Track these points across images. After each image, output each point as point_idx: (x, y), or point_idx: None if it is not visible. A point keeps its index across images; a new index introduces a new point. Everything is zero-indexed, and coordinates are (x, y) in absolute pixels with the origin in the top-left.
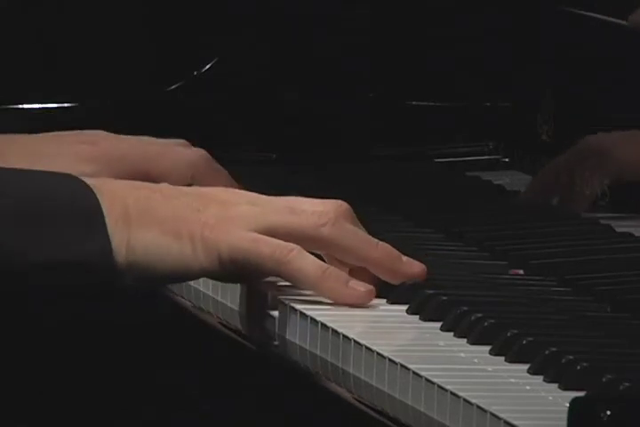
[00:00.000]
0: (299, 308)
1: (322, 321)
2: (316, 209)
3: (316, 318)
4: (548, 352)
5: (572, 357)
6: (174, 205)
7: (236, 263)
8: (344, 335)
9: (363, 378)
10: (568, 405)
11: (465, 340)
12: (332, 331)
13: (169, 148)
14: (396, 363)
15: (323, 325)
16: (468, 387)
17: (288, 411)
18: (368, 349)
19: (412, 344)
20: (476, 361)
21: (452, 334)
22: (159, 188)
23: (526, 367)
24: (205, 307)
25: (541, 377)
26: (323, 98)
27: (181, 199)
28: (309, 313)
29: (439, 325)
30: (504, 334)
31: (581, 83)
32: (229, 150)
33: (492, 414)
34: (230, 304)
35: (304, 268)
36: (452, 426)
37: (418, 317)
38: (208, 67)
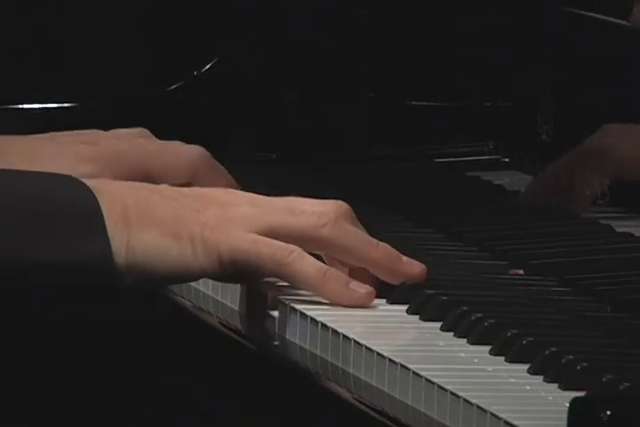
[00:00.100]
0: (299, 308)
1: (322, 321)
2: (316, 210)
3: (316, 318)
4: (547, 352)
5: (571, 357)
6: (174, 206)
7: (236, 264)
8: (344, 335)
9: (363, 378)
10: (568, 405)
11: (465, 340)
12: (332, 331)
13: (168, 146)
14: (396, 363)
15: (323, 325)
16: (468, 387)
17: (288, 411)
18: (368, 349)
19: (412, 344)
20: (476, 361)
21: (452, 334)
22: (159, 189)
23: (526, 367)
24: (205, 307)
25: (541, 377)
26: (323, 98)
27: (181, 200)
28: (309, 313)
29: (439, 325)
30: (504, 334)
31: (581, 83)
32: (229, 150)
33: (491, 414)
34: (230, 304)
35: (304, 269)
36: (451, 426)
37: (418, 317)
38: (208, 67)
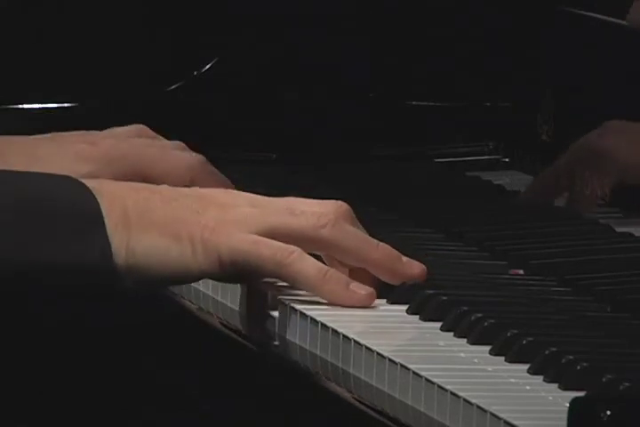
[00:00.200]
0: (299, 308)
1: (322, 321)
2: (316, 210)
3: (316, 318)
4: (547, 352)
5: (571, 357)
6: (173, 207)
7: (236, 265)
8: (344, 335)
9: (363, 378)
10: (568, 405)
11: (465, 340)
12: (332, 331)
13: (168, 151)
14: (396, 363)
15: (323, 325)
16: (468, 387)
17: (288, 411)
18: (368, 349)
19: (412, 344)
20: (476, 361)
21: (452, 334)
22: (159, 189)
23: (526, 367)
24: (205, 307)
25: (541, 377)
26: (323, 98)
27: (181, 201)
28: (309, 313)
29: (439, 325)
30: (504, 334)
31: (581, 83)
32: (229, 150)
33: (491, 414)
34: (230, 304)
35: (304, 270)
36: (451, 426)
37: (418, 317)
38: (208, 67)
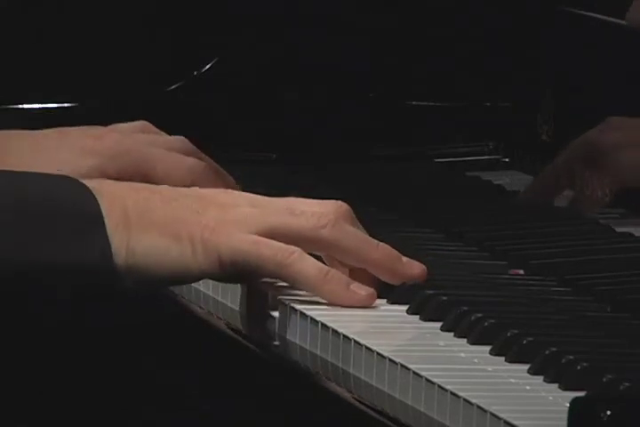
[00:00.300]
0: (299, 308)
1: (322, 321)
2: (316, 210)
3: (317, 318)
4: (548, 352)
5: (572, 357)
6: (174, 208)
7: (236, 265)
8: (344, 335)
9: (363, 378)
10: (568, 405)
11: (465, 340)
12: (333, 331)
13: (170, 153)
14: (397, 363)
15: (323, 325)
16: (468, 387)
17: (288, 411)
18: (368, 349)
19: (412, 344)
20: (476, 361)
21: (452, 334)
22: (159, 189)
23: (526, 367)
24: (205, 307)
25: (541, 377)
26: (323, 98)
27: (181, 201)
28: (310, 313)
29: (439, 325)
30: (504, 334)
31: (581, 83)
32: (229, 150)
33: (492, 415)
34: (230, 304)
35: (305, 270)
36: (452, 426)
37: (418, 317)
38: (208, 67)
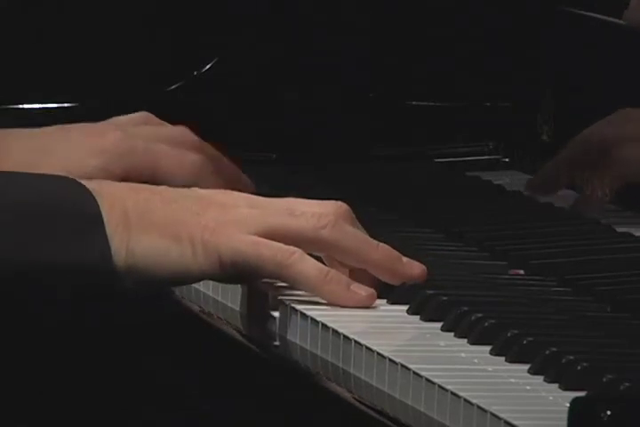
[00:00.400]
0: (299, 308)
1: (322, 321)
2: (316, 211)
3: (317, 319)
4: (548, 352)
5: (572, 357)
6: (173, 209)
7: (236, 266)
8: (344, 335)
9: (363, 378)
10: (568, 405)
11: (465, 340)
12: (333, 331)
13: (173, 149)
14: (397, 363)
15: (323, 325)
16: (468, 387)
17: (288, 411)
18: (368, 349)
19: (412, 344)
20: (476, 361)
21: (453, 334)
22: (159, 190)
23: (526, 367)
24: (206, 307)
25: (542, 377)
26: (323, 98)
27: (180, 202)
28: (310, 313)
29: (439, 325)
30: (504, 334)
31: (581, 83)
32: (229, 150)
33: (492, 415)
34: (231, 304)
35: (305, 271)
36: (452, 426)
37: (418, 317)
38: (208, 67)
